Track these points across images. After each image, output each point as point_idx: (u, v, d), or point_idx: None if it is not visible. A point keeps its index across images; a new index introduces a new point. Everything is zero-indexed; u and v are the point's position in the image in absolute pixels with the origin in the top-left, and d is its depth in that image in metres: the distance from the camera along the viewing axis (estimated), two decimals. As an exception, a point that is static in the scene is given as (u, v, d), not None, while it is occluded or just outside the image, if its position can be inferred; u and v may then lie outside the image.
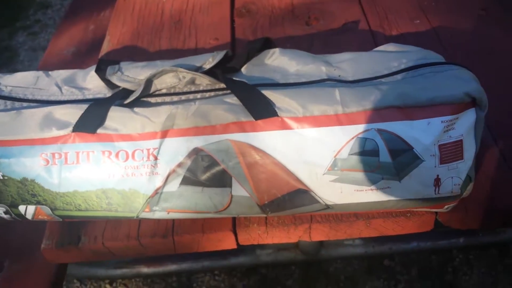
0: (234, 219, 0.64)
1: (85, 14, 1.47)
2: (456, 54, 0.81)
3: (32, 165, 0.56)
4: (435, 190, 0.54)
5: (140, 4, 1.01)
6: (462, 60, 0.79)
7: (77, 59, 1.30)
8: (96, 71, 0.63)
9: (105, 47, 0.91)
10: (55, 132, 0.56)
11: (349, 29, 0.89)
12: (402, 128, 0.51)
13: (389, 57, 0.59)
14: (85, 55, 1.31)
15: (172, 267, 1.34)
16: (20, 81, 0.65)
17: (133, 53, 0.89)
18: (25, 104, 0.60)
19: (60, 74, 0.65)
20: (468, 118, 0.52)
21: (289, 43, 0.88)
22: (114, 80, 0.60)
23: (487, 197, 0.62)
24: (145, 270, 1.34)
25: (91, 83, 0.63)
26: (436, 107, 0.51)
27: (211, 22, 0.94)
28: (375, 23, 0.89)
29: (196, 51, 0.88)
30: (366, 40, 0.85)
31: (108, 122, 0.56)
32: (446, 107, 0.51)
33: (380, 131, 0.52)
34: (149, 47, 0.90)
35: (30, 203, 0.59)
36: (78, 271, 1.31)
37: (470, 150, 0.53)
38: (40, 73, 0.66)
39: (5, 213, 0.61)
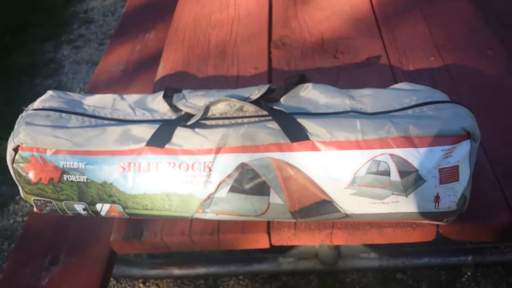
0: (268, 222, 0.77)
1: (132, 35, 1.63)
2: (463, 89, 0.93)
3: (111, 171, 0.71)
4: (435, 206, 0.66)
5: (190, 35, 1.16)
6: (468, 94, 0.92)
7: (125, 77, 1.46)
8: (164, 97, 0.77)
9: (160, 72, 1.06)
10: (131, 146, 0.70)
11: (371, 63, 1.01)
12: (409, 154, 0.64)
13: (402, 94, 0.72)
14: (133, 73, 1.47)
15: (201, 270, 1.46)
16: (99, 102, 0.80)
17: (184, 78, 1.04)
18: (106, 121, 0.75)
19: (132, 98, 0.80)
20: (463, 148, 0.64)
21: (318, 73, 1.01)
22: (180, 105, 0.74)
23: (481, 214, 0.73)
24: (176, 272, 1.46)
25: (158, 105, 0.77)
26: (438, 138, 0.64)
27: (251, 52, 1.08)
28: (394, 58, 1.02)
29: (238, 78, 1.02)
30: (385, 74, 0.98)
31: (174, 139, 0.70)
32: (446, 138, 0.64)
33: (391, 155, 0.64)
34: (197, 73, 1.04)
35: (107, 202, 0.73)
36: (116, 270, 1.43)
37: (464, 174, 0.65)
38: (116, 96, 0.81)
39: (84, 209, 0.76)
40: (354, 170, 0.66)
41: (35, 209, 0.79)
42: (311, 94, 0.75)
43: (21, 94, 2.27)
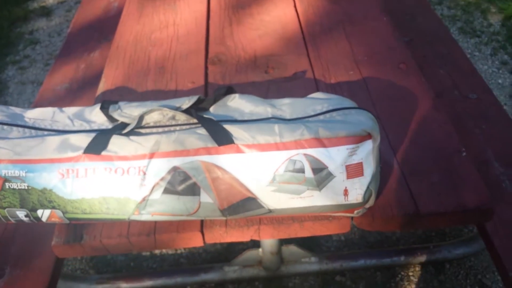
0: (202, 222, 0.83)
1: (77, 55, 1.68)
2: (378, 99, 1.04)
3: (51, 178, 0.76)
4: (345, 198, 0.75)
5: (130, 52, 1.22)
6: (382, 103, 1.03)
7: (70, 94, 1.50)
8: (101, 108, 0.83)
9: (101, 87, 1.11)
10: (69, 154, 0.76)
11: (298, 77, 1.11)
12: (320, 153, 0.73)
13: (316, 102, 0.81)
14: (77, 91, 1.52)
15: (148, 283, 1.49)
16: (40, 114, 0.85)
17: (124, 92, 1.10)
18: (45, 132, 0.80)
19: (71, 110, 0.85)
20: (366, 147, 0.74)
21: (250, 87, 1.10)
22: (115, 115, 0.81)
23: (389, 207, 0.83)
24: (123, 285, 1.49)
25: (96, 117, 0.83)
26: (343, 138, 0.73)
27: (189, 68, 1.16)
28: (318, 73, 1.12)
29: (176, 92, 1.09)
30: (310, 86, 1.08)
31: (110, 146, 0.76)
32: (350, 138, 0.73)
33: (305, 155, 0.73)
34: (137, 88, 1.11)
35: (47, 207, 0.78)
36: (62, 285, 1.45)
37: (368, 169, 0.75)
38: (55, 109, 0.86)
39: (25, 216, 0.80)
40: (274, 169, 0.74)
41: (-23, 218, 0.82)
42: (237, 104, 0.83)
43: (-36, 114, 2.23)
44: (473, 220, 0.90)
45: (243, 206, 0.76)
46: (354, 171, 0.74)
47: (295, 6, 1.36)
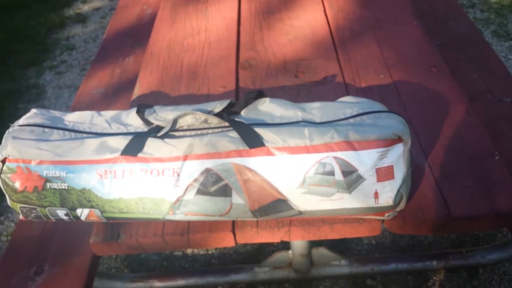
0: (233, 222, 0.85)
1: (112, 60, 1.73)
2: (409, 102, 1.04)
3: (89, 179, 0.79)
4: (375, 201, 0.76)
5: (164, 58, 1.26)
6: (413, 107, 1.03)
7: (105, 99, 1.55)
8: (137, 112, 0.86)
9: (136, 92, 1.15)
10: (107, 155, 0.79)
11: (328, 81, 1.12)
12: (350, 156, 0.74)
13: (346, 106, 0.82)
14: (112, 96, 1.56)
15: (180, 282, 1.52)
16: (79, 118, 0.89)
17: (158, 97, 1.13)
18: (84, 135, 0.84)
19: (108, 114, 0.89)
20: (396, 150, 0.75)
21: (281, 91, 1.11)
22: (151, 119, 0.84)
23: (420, 210, 0.83)
24: (157, 284, 1.52)
25: (132, 120, 0.86)
26: (374, 142, 0.74)
27: (220, 73, 1.19)
28: (348, 77, 1.13)
29: (208, 96, 1.11)
30: (340, 91, 1.09)
31: (145, 149, 0.79)
32: (380, 142, 0.74)
33: (335, 158, 0.74)
34: (171, 92, 1.14)
35: (86, 207, 0.81)
36: (98, 283, 1.49)
37: (399, 173, 0.75)
38: (94, 112, 0.90)
39: (65, 215, 0.84)
40: (304, 171, 0.75)
41: (21, 216, 0.86)
42: (268, 107, 0.85)
43: (5, 118, 2.33)
44: (507, 224, 0.89)
45: (274, 207, 0.78)
46: (384, 174, 0.74)
47: (325, 12, 1.37)
